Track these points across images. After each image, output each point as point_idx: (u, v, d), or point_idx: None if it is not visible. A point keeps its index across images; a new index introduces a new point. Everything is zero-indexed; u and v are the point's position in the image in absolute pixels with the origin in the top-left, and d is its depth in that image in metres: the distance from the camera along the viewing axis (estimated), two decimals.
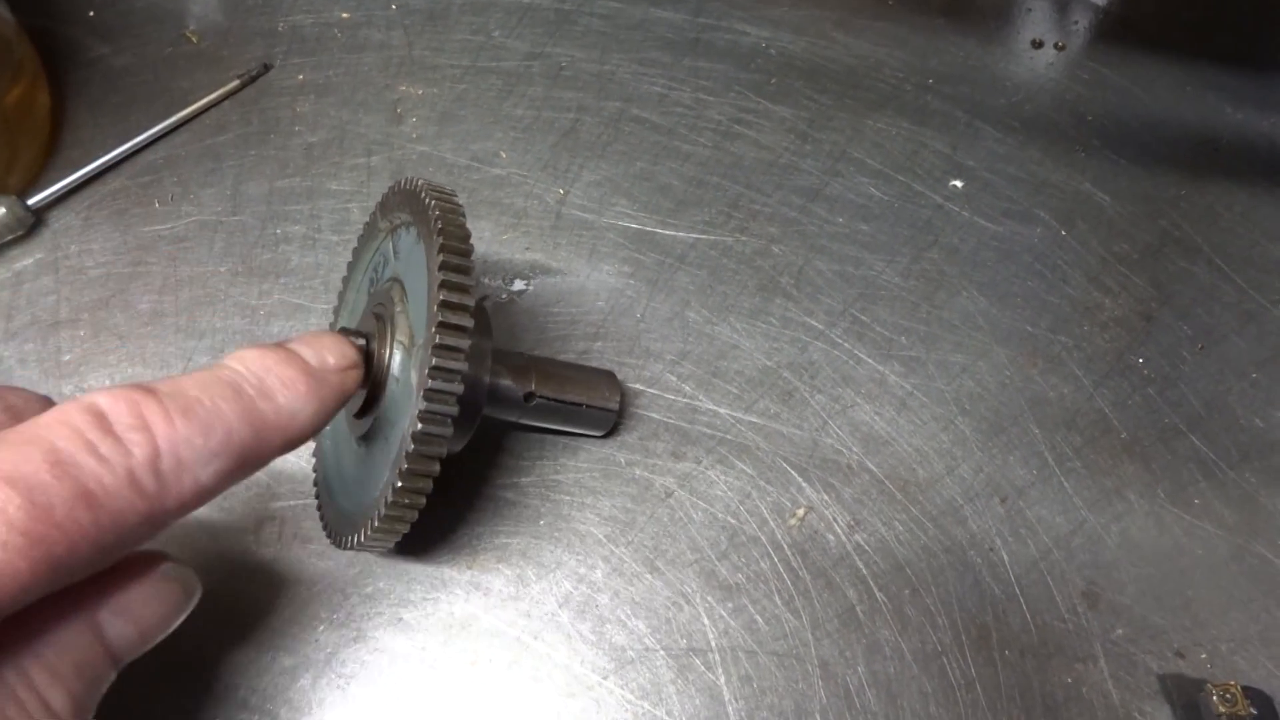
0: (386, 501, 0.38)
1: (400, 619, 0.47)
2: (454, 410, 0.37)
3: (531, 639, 0.47)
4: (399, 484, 0.37)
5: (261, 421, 0.31)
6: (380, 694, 0.45)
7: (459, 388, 0.37)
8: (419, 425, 0.36)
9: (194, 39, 0.63)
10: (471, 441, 0.45)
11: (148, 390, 0.29)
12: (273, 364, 0.32)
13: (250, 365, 0.32)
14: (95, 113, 0.60)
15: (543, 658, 0.47)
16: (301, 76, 0.62)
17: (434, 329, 0.36)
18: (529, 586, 0.48)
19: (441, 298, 0.37)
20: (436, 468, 0.38)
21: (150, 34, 0.63)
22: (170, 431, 0.28)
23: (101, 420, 0.27)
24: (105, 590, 0.32)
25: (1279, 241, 0.60)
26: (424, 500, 0.39)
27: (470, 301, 0.37)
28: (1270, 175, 0.63)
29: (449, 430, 0.37)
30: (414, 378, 0.38)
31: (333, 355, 0.34)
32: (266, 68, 0.62)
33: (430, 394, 0.36)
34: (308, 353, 0.34)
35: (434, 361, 0.36)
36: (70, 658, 0.30)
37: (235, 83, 0.61)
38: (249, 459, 0.30)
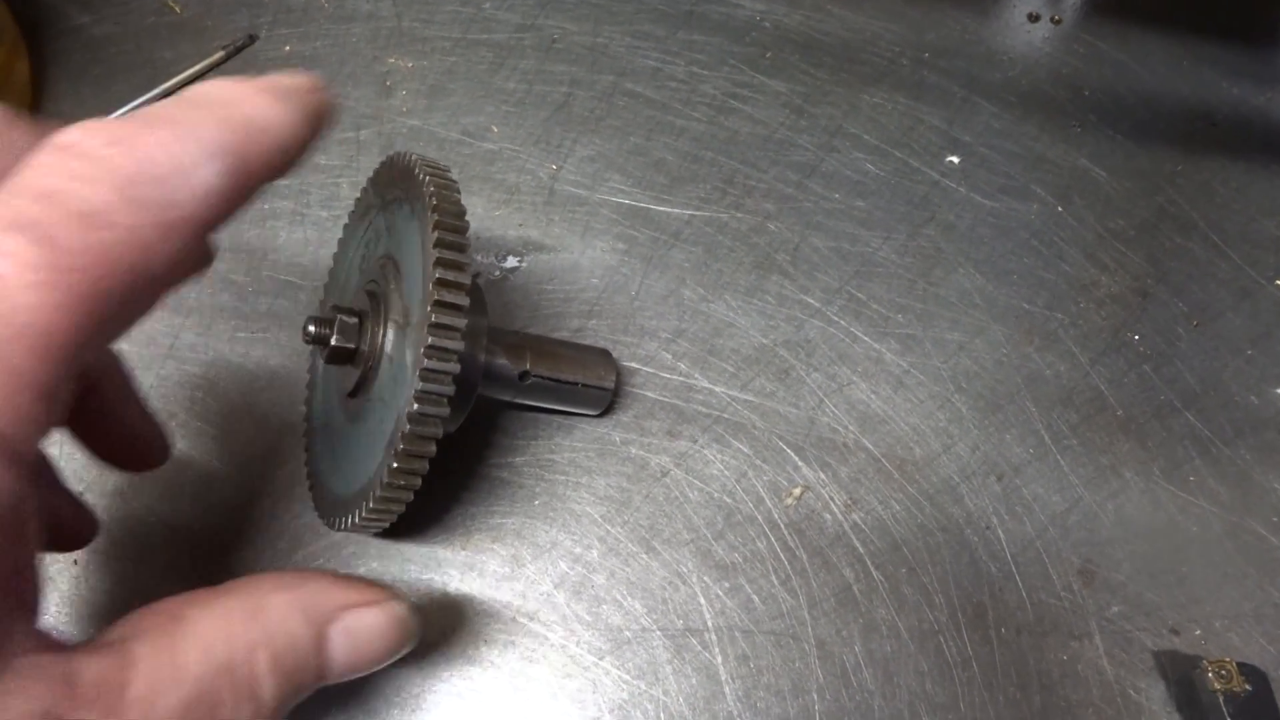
0: (381, 483, 0.37)
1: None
2: (450, 390, 0.36)
3: (527, 619, 0.47)
4: (394, 465, 0.37)
5: (243, 122, 0.27)
6: (373, 676, 0.45)
7: (455, 367, 0.36)
8: (415, 406, 0.36)
9: (177, 8, 0.62)
10: (466, 421, 0.44)
11: (115, 120, 0.27)
12: (231, 84, 0.28)
13: (210, 87, 0.28)
14: (76, 83, 0.59)
15: (539, 638, 0.46)
16: (288, 48, 0.61)
17: (430, 308, 0.36)
18: (524, 567, 0.48)
19: (437, 276, 0.36)
20: (433, 448, 0.37)
21: (132, 2, 0.62)
22: (150, 138, 0.26)
23: (76, 148, 0.25)
24: (345, 606, 0.33)
25: (1275, 217, 0.60)
26: (419, 481, 0.38)
27: (467, 280, 0.37)
28: (1266, 151, 0.62)
29: (445, 411, 0.36)
30: (409, 357, 0.37)
31: (288, 79, 0.30)
32: (252, 38, 0.61)
33: (426, 374, 0.36)
34: (262, 82, 0.29)
35: (430, 341, 0.36)
36: (293, 658, 0.31)
37: (220, 54, 0.60)
38: (247, 157, 0.27)
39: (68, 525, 0.39)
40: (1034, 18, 0.66)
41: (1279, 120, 0.64)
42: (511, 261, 0.55)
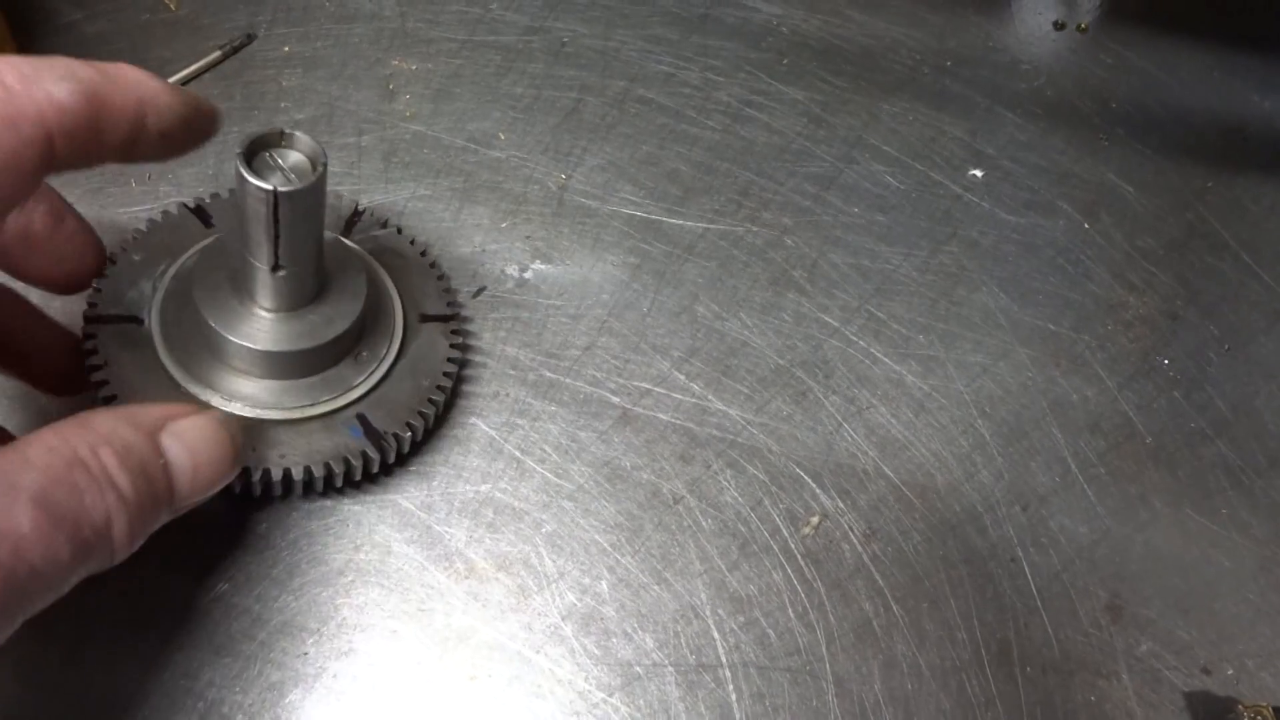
0: None
1: (394, 631, 0.44)
2: None
3: (533, 653, 0.45)
4: None
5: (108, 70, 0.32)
6: (373, 710, 0.43)
7: None
8: None
9: (173, 5, 0.60)
10: (468, 448, 0.42)
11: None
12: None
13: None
14: None
15: (545, 673, 0.44)
16: (287, 48, 0.59)
17: None
18: (530, 598, 0.46)
19: None
20: None
21: None
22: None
23: None
24: (167, 417, 0.35)
25: None
26: None
27: None
28: None
29: None
30: None
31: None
32: (250, 38, 0.59)
33: None
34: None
35: None
36: (137, 458, 0.32)
37: (217, 54, 0.58)
38: (100, 93, 0.31)
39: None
40: (1059, 26, 0.64)
41: None
42: (518, 275, 0.53)
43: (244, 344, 0.41)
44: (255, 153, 0.38)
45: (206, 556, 0.45)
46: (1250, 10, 0.67)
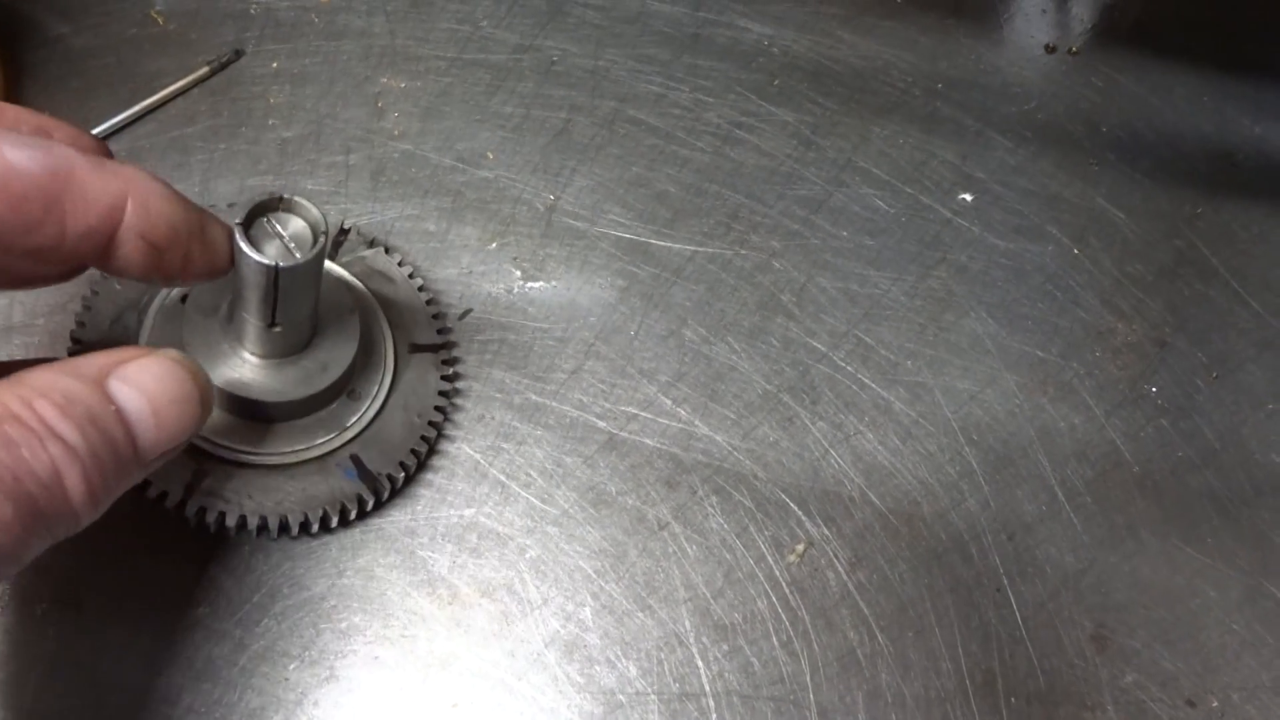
0: None
1: (376, 657, 0.44)
2: None
3: (515, 680, 0.44)
4: None
5: None
6: None
7: None
8: None
9: (160, 19, 0.59)
10: (453, 471, 0.42)
11: None
12: None
13: None
14: (53, 97, 0.56)
15: (528, 700, 0.44)
16: (276, 64, 0.58)
17: None
18: (513, 624, 0.45)
19: None
20: None
21: (113, 12, 0.59)
22: None
23: None
24: (114, 363, 0.31)
25: None
26: None
27: None
28: None
29: None
30: None
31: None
32: (238, 54, 0.58)
33: None
34: None
35: None
36: (82, 408, 0.29)
37: (205, 69, 0.57)
38: None
39: None
40: (1051, 49, 0.64)
41: None
42: (505, 297, 0.52)
43: (237, 393, 0.41)
44: (253, 219, 0.37)
45: (187, 580, 0.44)
46: (1241, 36, 0.67)
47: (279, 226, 0.38)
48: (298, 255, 0.37)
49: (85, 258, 0.33)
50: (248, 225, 0.37)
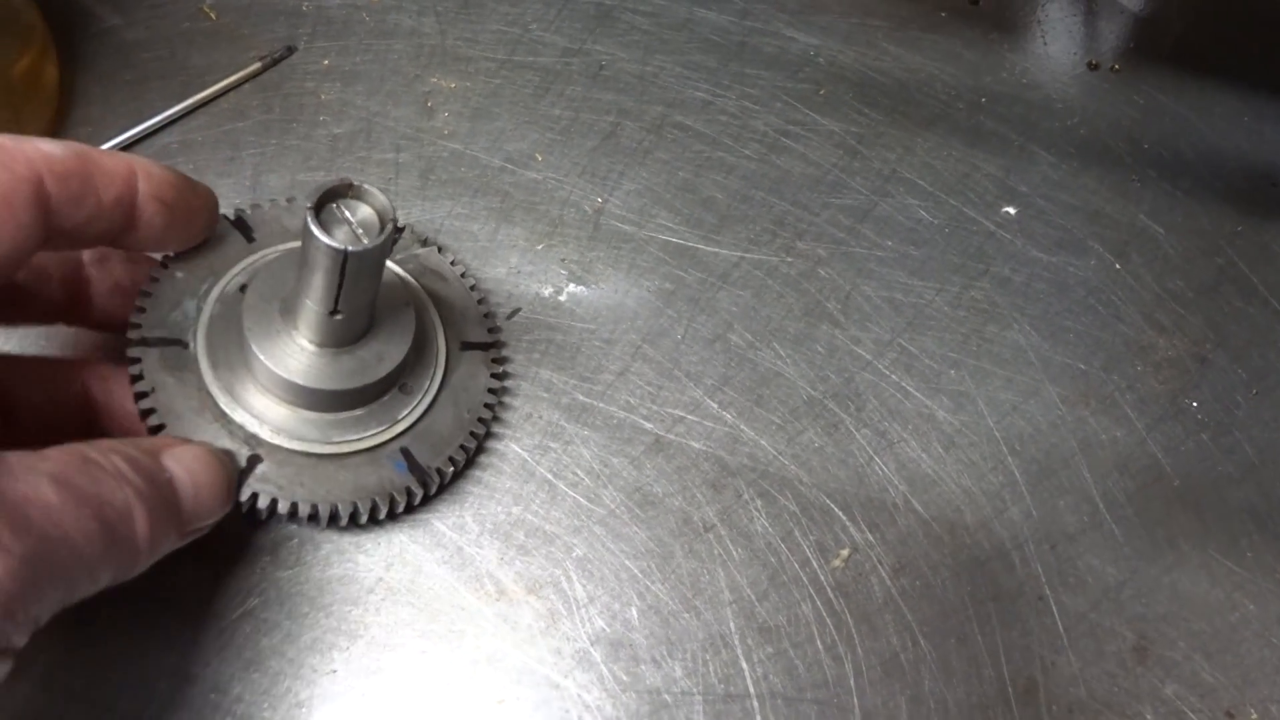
0: None
1: (423, 652, 0.44)
2: None
3: (562, 678, 0.45)
4: None
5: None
6: None
7: None
8: None
9: (212, 14, 0.60)
10: (501, 469, 0.42)
11: None
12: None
13: None
14: (106, 88, 0.56)
15: (573, 699, 0.44)
16: (327, 61, 0.59)
17: None
18: (560, 622, 0.46)
19: None
20: None
21: (166, 6, 0.60)
22: None
23: None
24: (163, 447, 0.37)
25: None
26: None
27: None
28: None
29: None
30: None
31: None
32: (290, 50, 0.59)
33: None
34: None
35: None
36: (145, 468, 0.34)
37: (257, 64, 0.58)
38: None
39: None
40: (1093, 66, 0.65)
41: None
42: (553, 297, 0.53)
43: (294, 380, 0.41)
44: (323, 204, 0.38)
45: (238, 570, 0.45)
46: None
47: (347, 212, 0.38)
48: (366, 241, 0.37)
49: (119, 225, 0.37)
50: (318, 210, 0.37)
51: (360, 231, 0.38)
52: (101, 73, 0.57)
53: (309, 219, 0.36)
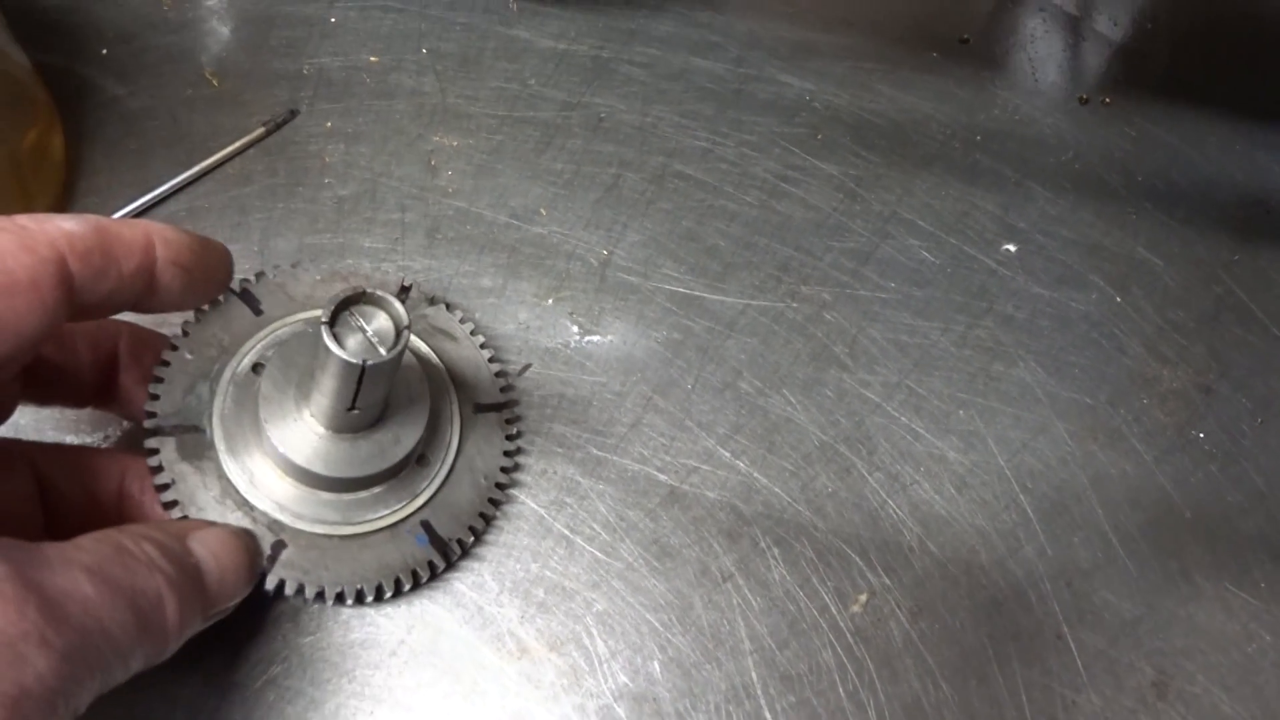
0: None
1: (448, 714, 0.44)
2: None
3: None
4: None
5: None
6: None
7: None
8: None
9: (214, 80, 0.60)
10: (518, 527, 0.42)
11: None
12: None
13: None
14: (111, 158, 0.57)
15: None
16: (329, 123, 0.59)
17: None
18: (583, 679, 0.46)
19: None
20: None
21: (168, 74, 0.60)
22: None
23: None
24: (189, 530, 0.37)
25: None
26: None
27: None
28: None
29: None
30: None
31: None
32: (293, 113, 0.59)
33: None
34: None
35: None
36: (174, 553, 0.35)
37: (260, 129, 0.58)
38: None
39: None
40: (1084, 100, 0.66)
41: None
42: (563, 351, 0.53)
43: (314, 469, 0.41)
44: (338, 313, 0.38)
45: (260, 637, 0.45)
46: (1269, 84, 0.68)
47: (362, 320, 0.39)
48: (382, 351, 0.38)
49: (139, 293, 0.38)
50: (332, 321, 0.37)
51: (376, 340, 0.38)
52: (107, 143, 0.57)
53: (325, 334, 0.37)
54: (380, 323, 0.39)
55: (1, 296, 0.32)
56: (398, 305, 0.38)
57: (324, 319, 0.37)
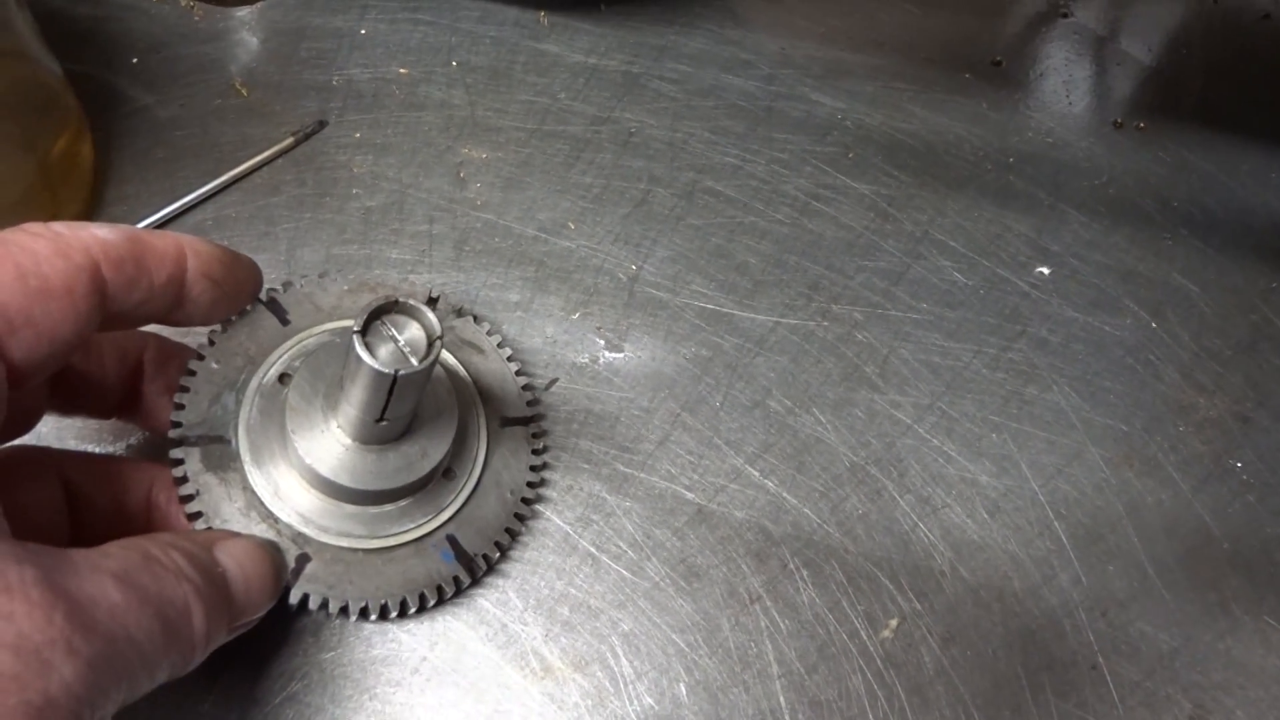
0: None
1: None
2: None
3: None
4: None
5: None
6: None
7: None
8: None
9: (243, 91, 0.60)
10: (544, 544, 0.42)
11: None
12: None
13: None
14: (140, 166, 0.57)
15: None
16: (358, 134, 0.59)
17: None
18: (607, 701, 0.45)
19: None
20: None
21: (197, 84, 0.60)
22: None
23: None
24: (215, 540, 0.37)
25: None
26: None
27: None
28: None
29: None
30: None
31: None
32: (322, 124, 0.59)
33: None
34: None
35: None
36: (201, 563, 0.34)
37: (289, 139, 0.58)
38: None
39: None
40: (1118, 125, 0.65)
41: None
42: (590, 367, 0.53)
43: (340, 481, 0.41)
44: (370, 322, 0.37)
45: (280, 653, 0.44)
46: None
47: (394, 330, 0.38)
48: (414, 361, 0.37)
49: (169, 304, 0.38)
50: (364, 330, 0.37)
51: (407, 350, 0.38)
52: (135, 151, 0.57)
53: (356, 343, 0.36)
54: (412, 332, 0.38)
55: (36, 301, 0.32)
56: (430, 315, 0.38)
57: (356, 327, 0.36)
